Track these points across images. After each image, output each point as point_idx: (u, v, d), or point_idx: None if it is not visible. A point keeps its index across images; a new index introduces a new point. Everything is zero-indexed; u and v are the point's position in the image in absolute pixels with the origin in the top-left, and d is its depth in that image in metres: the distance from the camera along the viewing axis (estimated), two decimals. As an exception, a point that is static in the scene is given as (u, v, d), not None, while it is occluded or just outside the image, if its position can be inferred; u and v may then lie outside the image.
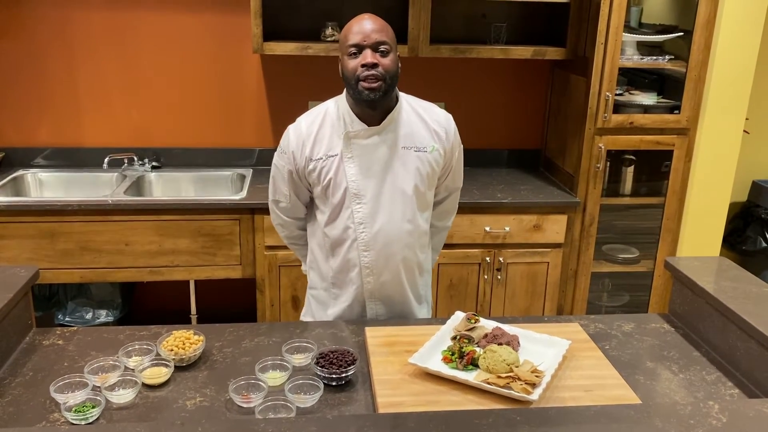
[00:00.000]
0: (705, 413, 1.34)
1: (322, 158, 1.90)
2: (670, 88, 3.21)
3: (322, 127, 1.92)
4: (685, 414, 1.34)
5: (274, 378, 1.58)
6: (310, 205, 2.06)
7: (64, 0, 3.15)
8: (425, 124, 1.95)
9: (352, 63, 1.81)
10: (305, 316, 2.15)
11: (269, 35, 3.05)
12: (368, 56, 1.78)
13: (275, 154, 2.01)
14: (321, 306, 2.08)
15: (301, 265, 2.22)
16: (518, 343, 1.71)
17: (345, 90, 1.91)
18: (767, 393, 1.59)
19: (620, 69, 2.99)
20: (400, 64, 1.88)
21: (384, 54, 1.81)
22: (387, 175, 1.90)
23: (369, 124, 1.88)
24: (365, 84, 1.79)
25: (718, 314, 1.78)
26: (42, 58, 3.22)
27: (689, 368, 1.73)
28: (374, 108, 1.86)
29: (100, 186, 3.24)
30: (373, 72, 1.78)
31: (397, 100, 1.92)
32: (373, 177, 1.89)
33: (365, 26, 1.81)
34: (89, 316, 3.25)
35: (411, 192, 1.92)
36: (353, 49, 1.81)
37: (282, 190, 2.03)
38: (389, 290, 1.99)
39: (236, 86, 3.36)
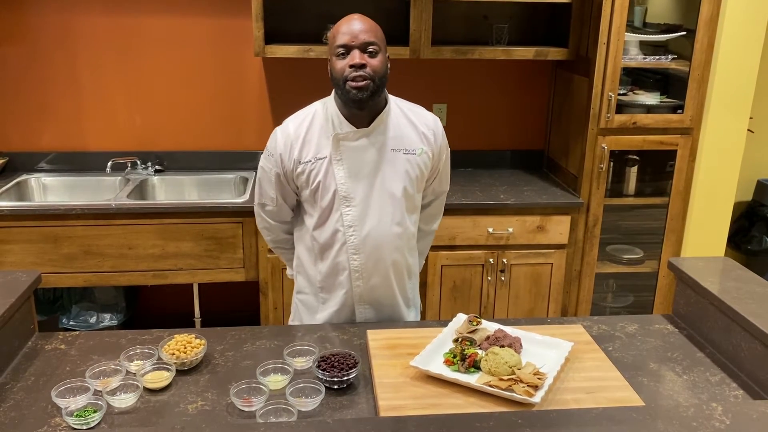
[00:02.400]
0: (708, 415, 1.33)
1: (310, 161, 1.88)
2: (673, 87, 3.20)
3: (310, 130, 1.90)
4: (688, 416, 1.33)
5: (275, 381, 1.58)
6: (297, 209, 2.04)
7: (67, 5, 3.16)
8: (414, 126, 1.93)
9: (340, 63, 1.79)
10: (293, 322, 2.14)
11: (271, 38, 3.05)
12: (356, 57, 1.77)
13: (262, 156, 1.99)
14: (309, 311, 2.06)
15: (286, 269, 2.21)
16: (520, 345, 1.70)
17: (333, 92, 1.90)
18: (772, 394, 1.58)
19: (624, 69, 2.98)
20: (389, 66, 1.86)
21: (372, 54, 1.79)
22: (376, 177, 1.88)
23: (357, 126, 1.87)
24: (353, 84, 1.77)
25: (722, 315, 1.77)
26: (45, 62, 3.23)
27: (693, 369, 1.72)
28: (362, 109, 1.83)
29: (104, 190, 3.25)
30: (360, 73, 1.76)
31: (386, 102, 1.90)
32: (362, 179, 1.88)
33: (354, 26, 1.79)
34: (93, 319, 3.25)
35: (400, 194, 1.90)
36: (341, 50, 1.79)
37: (269, 193, 2.00)
38: (378, 294, 1.97)
39: (238, 89, 3.36)
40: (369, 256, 1.91)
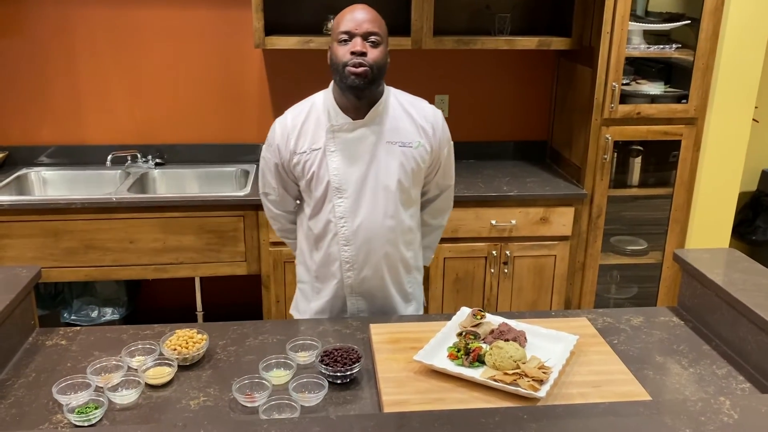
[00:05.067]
0: (716, 409, 1.32)
1: (306, 152, 1.90)
2: (677, 77, 3.17)
3: (306, 121, 1.92)
4: (696, 410, 1.32)
5: (278, 377, 1.57)
6: (301, 199, 2.06)
7: (65, -3, 3.14)
8: (412, 119, 1.93)
9: (342, 50, 1.81)
10: (293, 310, 2.17)
11: (271, 29, 3.03)
12: (358, 44, 1.79)
13: (263, 146, 2.03)
14: (306, 299, 2.09)
15: (288, 263, 2.23)
16: (525, 338, 1.68)
17: (331, 83, 1.91)
18: (779, 387, 1.56)
19: (627, 58, 2.95)
20: (389, 59, 1.88)
21: (374, 45, 1.81)
22: (370, 169, 1.89)
23: (354, 118, 1.88)
24: (351, 69, 1.79)
25: (728, 307, 1.76)
26: (44, 56, 3.21)
27: (699, 362, 1.71)
28: (359, 98, 1.85)
29: (104, 184, 3.23)
30: (360, 60, 1.78)
31: (383, 93, 1.91)
32: (356, 171, 1.89)
33: (357, 15, 1.81)
34: (95, 314, 3.24)
35: (394, 187, 1.90)
36: (344, 36, 1.81)
37: (270, 182, 2.04)
38: (370, 285, 1.98)
39: (239, 81, 3.34)
40: (360, 247, 1.92)
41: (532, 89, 3.51)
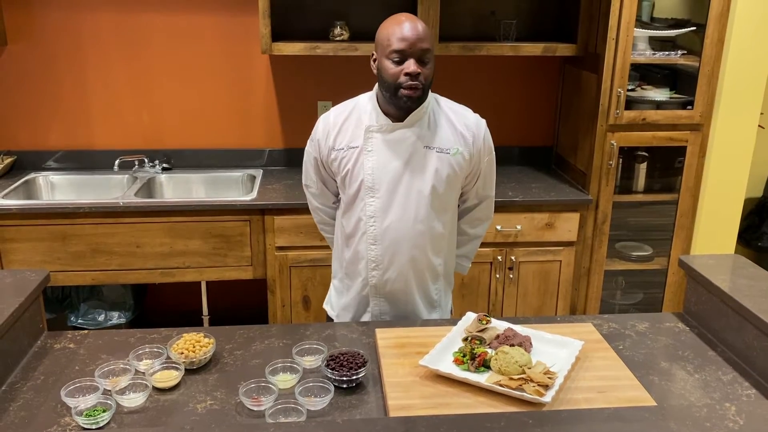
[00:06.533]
0: (721, 415, 1.32)
1: (343, 149, 1.94)
2: (683, 83, 3.17)
3: (348, 119, 1.95)
4: (701, 416, 1.32)
5: (284, 380, 1.57)
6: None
7: (74, 3, 3.16)
8: (452, 126, 1.94)
9: (394, 69, 1.79)
10: (326, 305, 2.21)
11: (277, 35, 3.05)
12: (412, 66, 1.78)
13: (308, 141, 2.07)
14: (338, 295, 2.13)
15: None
16: (530, 344, 1.69)
17: (376, 86, 1.92)
18: (785, 393, 1.56)
19: (632, 64, 2.96)
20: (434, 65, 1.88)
21: (426, 63, 1.81)
22: (405, 172, 1.90)
23: (394, 120, 1.90)
24: (406, 92, 1.79)
25: (733, 313, 1.76)
26: (52, 61, 3.24)
27: (705, 368, 1.71)
28: (409, 111, 1.88)
29: (111, 188, 3.25)
30: (415, 82, 1.79)
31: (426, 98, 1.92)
32: (390, 172, 1.90)
33: (410, 33, 1.78)
34: (101, 318, 3.26)
35: (427, 192, 1.91)
36: (396, 56, 1.79)
37: (311, 175, 2.10)
38: (393, 288, 1.99)
39: (245, 87, 3.36)
40: (387, 248, 1.94)
41: (538, 95, 3.52)
